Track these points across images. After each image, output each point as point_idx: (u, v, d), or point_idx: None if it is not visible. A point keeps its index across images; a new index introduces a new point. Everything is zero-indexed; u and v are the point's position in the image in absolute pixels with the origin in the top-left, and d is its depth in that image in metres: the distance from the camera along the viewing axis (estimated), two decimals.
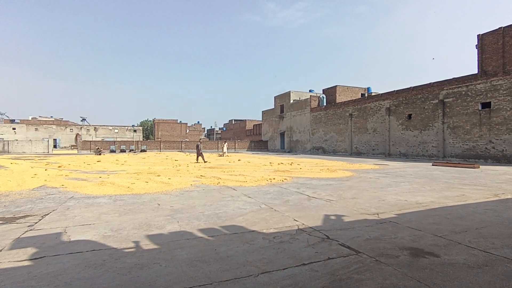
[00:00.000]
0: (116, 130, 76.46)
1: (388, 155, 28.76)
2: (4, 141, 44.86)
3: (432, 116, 24.76)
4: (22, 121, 75.91)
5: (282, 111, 50.51)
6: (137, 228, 4.77)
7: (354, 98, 37.24)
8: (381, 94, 31.02)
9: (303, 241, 4.14)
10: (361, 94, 41.16)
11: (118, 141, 54.34)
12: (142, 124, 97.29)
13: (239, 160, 23.90)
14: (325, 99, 41.41)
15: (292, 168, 15.89)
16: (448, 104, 23.51)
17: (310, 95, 43.59)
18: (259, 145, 57.28)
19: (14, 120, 76.50)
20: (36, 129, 69.94)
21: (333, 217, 5.51)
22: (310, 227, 4.82)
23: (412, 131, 26.58)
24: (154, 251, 3.79)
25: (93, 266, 3.31)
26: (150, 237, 4.32)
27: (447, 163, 17.93)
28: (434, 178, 11.34)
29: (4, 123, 71.44)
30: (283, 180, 10.85)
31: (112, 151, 47.84)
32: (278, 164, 18.81)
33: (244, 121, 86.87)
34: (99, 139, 67.05)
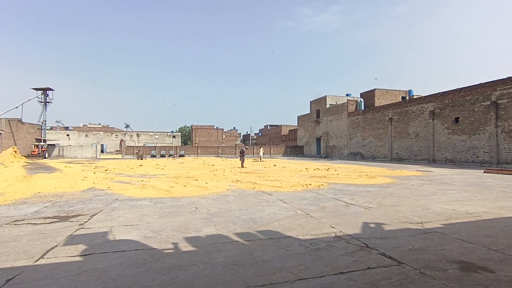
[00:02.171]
0: (156, 136, 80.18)
1: (432, 161, 27.04)
2: (59, 146, 49.02)
3: (483, 119, 22.90)
4: (75, 128, 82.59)
5: (318, 116, 49.74)
6: (176, 230, 4.94)
7: (394, 102, 35.61)
8: (424, 96, 29.34)
9: (340, 249, 4.01)
10: (402, 97, 39.27)
11: (158, 146, 56.92)
12: (180, 130, 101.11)
13: (274, 165, 23.87)
14: (363, 103, 40.10)
15: (328, 174, 15.53)
16: (502, 106, 21.60)
17: (347, 99, 42.46)
18: (295, 150, 56.79)
19: (68, 127, 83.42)
20: (86, 136, 75.56)
21: (372, 225, 5.28)
22: (348, 235, 4.66)
23: (460, 136, 24.77)
24: (192, 253, 3.89)
25: (135, 264, 3.48)
26: (188, 239, 4.44)
27: (501, 170, 16.43)
28: (487, 187, 10.44)
29: (59, 130, 78.08)
30: (320, 186, 10.64)
31: (153, 156, 50.18)
32: (314, 169, 18.49)
33: (279, 126, 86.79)
34: (141, 144, 70.73)
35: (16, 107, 41.39)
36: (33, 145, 39.65)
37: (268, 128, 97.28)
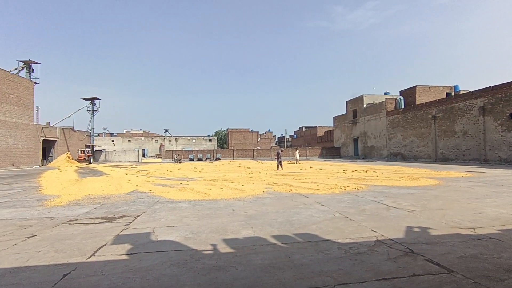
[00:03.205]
0: (193, 140, 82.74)
1: (484, 161, 24.96)
2: (106, 151, 52.48)
3: None
4: (119, 134, 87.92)
5: (355, 116, 48.25)
6: (214, 232, 5.04)
7: (438, 98, 33.44)
8: (472, 91, 27.20)
9: (383, 254, 3.84)
10: (446, 93, 36.77)
11: (195, 150, 58.72)
12: (216, 133, 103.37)
13: (310, 167, 23.51)
14: (403, 101, 38.15)
15: (367, 175, 14.97)
16: None
17: (386, 98, 40.69)
18: (331, 152, 55.52)
19: (113, 133, 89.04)
20: (129, 141, 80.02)
21: (417, 229, 4.99)
22: (391, 239, 4.44)
23: None
24: (230, 254, 3.95)
25: (177, 264, 3.61)
26: (226, 241, 4.52)
27: None
28: None
29: (105, 136, 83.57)
30: (358, 188, 10.29)
31: (191, 160, 51.83)
32: (352, 171, 17.92)
33: (315, 127, 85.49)
34: (179, 148, 73.37)
35: (69, 116, 45.19)
36: (79, 151, 42.82)
37: (303, 129, 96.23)
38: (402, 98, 38.49)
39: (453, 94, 35.47)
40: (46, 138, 36.07)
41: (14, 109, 30.05)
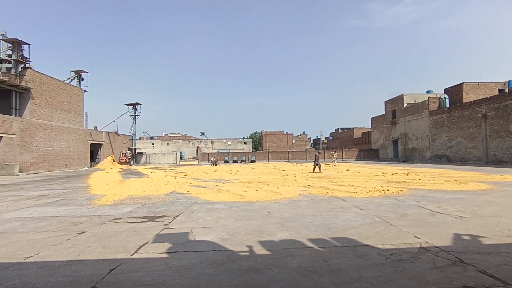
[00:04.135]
0: (229, 143, 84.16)
1: None
2: (146, 154, 55.22)
3: None
4: (158, 138, 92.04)
5: (394, 116, 46.10)
6: (250, 234, 5.07)
7: (489, 96, 30.87)
8: None
9: (427, 262, 3.61)
10: (499, 89, 33.82)
11: (230, 152, 59.62)
12: (251, 136, 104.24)
13: (347, 170, 22.84)
14: (447, 100, 35.70)
15: (408, 178, 14.20)
16: None
17: (428, 97, 38.37)
18: (369, 154, 53.48)
19: (153, 137, 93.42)
20: (167, 144, 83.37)
21: (466, 237, 4.63)
22: (436, 247, 4.17)
23: None
24: (266, 256, 3.94)
25: (214, 264, 3.68)
26: (262, 243, 4.52)
27: None
28: None
29: (146, 140, 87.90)
30: (399, 191, 9.79)
31: (226, 162, 52.77)
32: (392, 174, 17.11)
33: (351, 129, 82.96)
34: (215, 151, 75.00)
35: (113, 121, 48.21)
36: (120, 153, 45.39)
37: (339, 131, 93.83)
38: (446, 96, 36.05)
39: (506, 90, 32.53)
40: (94, 142, 38.79)
41: (67, 116, 32.72)
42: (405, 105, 43.31)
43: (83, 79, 37.77)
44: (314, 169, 21.52)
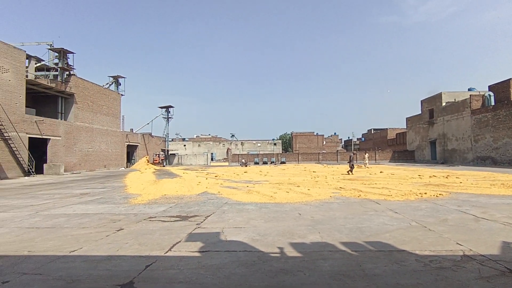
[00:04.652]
0: (258, 144, 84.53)
1: None
2: (178, 155, 57.00)
3: None
4: (190, 139, 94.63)
5: (431, 116, 43.70)
6: (281, 235, 5.04)
7: None
8: None
9: (472, 271, 3.37)
10: None
11: (260, 154, 59.83)
12: (281, 137, 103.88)
13: (381, 172, 22.01)
14: (492, 98, 33.20)
15: (448, 181, 13.39)
16: None
17: (470, 95, 35.92)
18: (404, 155, 51.17)
19: (185, 138, 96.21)
20: (198, 145, 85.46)
21: None
22: (482, 255, 3.88)
23: None
24: (297, 258, 3.90)
25: (245, 265, 3.69)
26: (293, 245, 4.47)
27: None
28: None
29: (178, 141, 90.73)
30: (438, 195, 9.26)
31: (256, 163, 52.96)
32: (430, 177, 16.23)
33: (385, 130, 79.84)
34: (245, 152, 75.64)
35: (147, 124, 50.70)
36: (154, 154, 47.14)
37: (372, 132, 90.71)
38: (491, 94, 33.55)
39: None
40: (130, 143, 40.73)
41: (106, 119, 34.67)
42: (443, 104, 40.91)
43: (120, 84, 39.81)
44: (350, 171, 21.02)
